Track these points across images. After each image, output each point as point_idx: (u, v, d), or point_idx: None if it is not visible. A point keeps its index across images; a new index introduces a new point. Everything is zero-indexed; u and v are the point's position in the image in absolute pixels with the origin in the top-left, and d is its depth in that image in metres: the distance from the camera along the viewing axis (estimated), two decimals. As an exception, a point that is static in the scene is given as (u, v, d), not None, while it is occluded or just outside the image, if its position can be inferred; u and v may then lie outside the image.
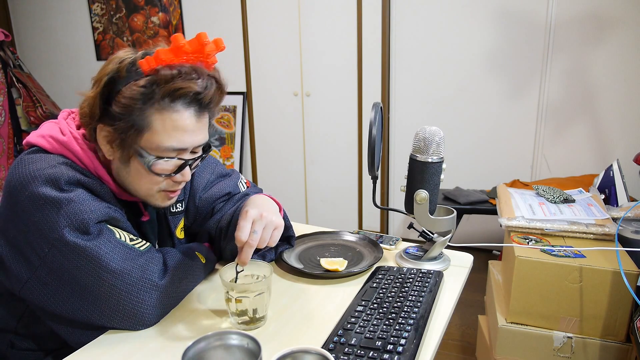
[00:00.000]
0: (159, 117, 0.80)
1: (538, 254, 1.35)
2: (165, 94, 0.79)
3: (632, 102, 2.35)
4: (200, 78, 0.80)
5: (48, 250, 0.77)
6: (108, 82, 0.79)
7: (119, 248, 0.80)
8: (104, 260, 0.77)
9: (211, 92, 0.82)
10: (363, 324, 0.77)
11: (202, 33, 0.80)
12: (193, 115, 0.82)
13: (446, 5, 2.59)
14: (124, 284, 0.78)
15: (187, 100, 0.81)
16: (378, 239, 1.15)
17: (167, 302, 0.84)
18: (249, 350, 0.62)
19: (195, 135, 0.84)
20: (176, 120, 0.80)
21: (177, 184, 0.88)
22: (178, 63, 0.80)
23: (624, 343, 1.32)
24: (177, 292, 0.87)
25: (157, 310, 0.81)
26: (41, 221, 0.76)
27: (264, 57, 3.08)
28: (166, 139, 0.81)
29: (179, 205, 1.02)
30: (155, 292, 0.81)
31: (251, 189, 1.14)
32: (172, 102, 0.80)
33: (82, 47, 3.63)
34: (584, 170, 2.47)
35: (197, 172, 1.05)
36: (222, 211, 1.06)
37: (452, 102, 2.71)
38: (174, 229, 1.02)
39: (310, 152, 3.11)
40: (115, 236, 0.80)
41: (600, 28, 2.33)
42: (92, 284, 0.77)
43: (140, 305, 0.79)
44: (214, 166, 1.10)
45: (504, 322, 1.42)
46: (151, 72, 0.79)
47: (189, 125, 0.82)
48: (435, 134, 0.93)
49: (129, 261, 0.79)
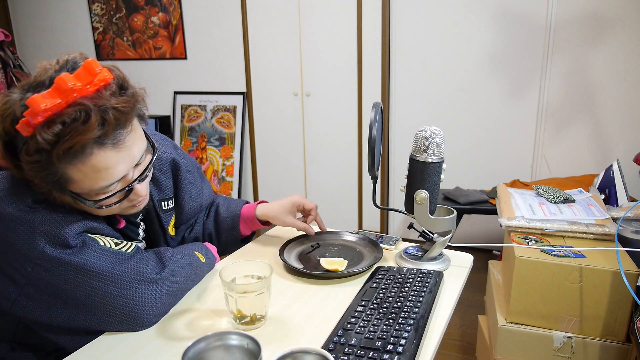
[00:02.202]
0: (73, 169, 0.72)
1: (538, 254, 1.34)
2: (62, 155, 0.70)
3: (632, 102, 2.35)
4: (89, 119, 0.68)
5: (31, 269, 0.75)
6: (4, 145, 0.72)
7: (107, 255, 0.78)
8: (94, 270, 0.76)
9: (112, 119, 0.71)
10: (363, 324, 0.77)
11: (91, 61, 0.71)
12: (110, 148, 0.73)
13: (446, 5, 2.59)
14: (118, 288, 0.77)
15: (91, 144, 0.71)
16: (378, 239, 1.15)
17: (164, 301, 0.83)
18: (249, 350, 0.62)
19: (124, 161, 0.76)
20: (94, 165, 0.72)
21: (133, 200, 0.83)
22: (60, 108, 0.68)
23: (624, 343, 1.32)
24: (175, 291, 0.86)
25: (154, 309, 0.81)
26: (18, 242, 0.74)
27: (264, 57, 3.08)
28: (93, 183, 0.75)
29: (170, 203, 1.01)
30: (150, 292, 0.80)
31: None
32: (76, 155, 0.71)
33: (82, 47, 3.63)
34: (584, 170, 2.47)
35: (191, 174, 1.05)
36: (201, 218, 1.14)
37: (452, 102, 2.71)
38: (167, 226, 1.01)
39: (310, 152, 3.11)
40: (99, 244, 0.79)
41: (600, 28, 2.33)
42: (84, 294, 0.76)
43: (137, 306, 0.78)
44: (199, 169, 1.11)
45: (504, 322, 1.42)
46: (32, 138, 0.68)
47: (111, 160, 0.74)
48: (435, 134, 0.93)
49: (119, 266, 0.78)
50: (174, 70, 3.40)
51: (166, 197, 1.01)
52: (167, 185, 1.01)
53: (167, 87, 3.46)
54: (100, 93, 0.71)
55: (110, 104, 0.71)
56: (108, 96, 0.72)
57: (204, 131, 3.37)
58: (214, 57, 3.24)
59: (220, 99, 3.30)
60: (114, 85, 0.74)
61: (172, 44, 3.33)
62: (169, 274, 0.84)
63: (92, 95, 0.70)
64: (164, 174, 1.00)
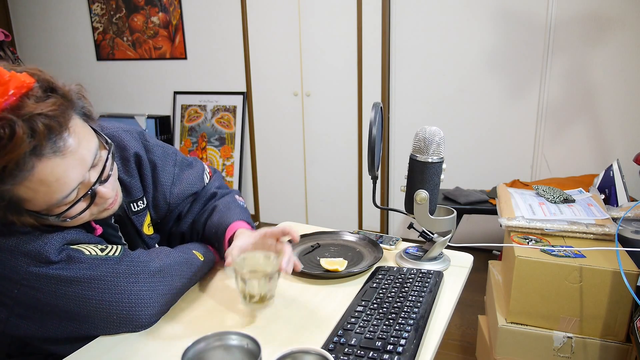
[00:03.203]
0: (20, 189, 0.68)
1: (538, 254, 1.34)
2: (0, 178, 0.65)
3: (632, 102, 2.35)
4: (15, 133, 0.63)
5: (17, 291, 0.73)
6: None
7: (95, 263, 0.76)
8: (86, 280, 0.74)
9: (41, 127, 0.65)
10: (363, 324, 0.77)
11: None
12: (52, 157, 0.68)
13: (446, 5, 2.59)
14: (112, 294, 0.76)
15: (28, 158, 0.65)
16: (378, 239, 1.14)
17: (161, 300, 0.81)
18: (249, 350, 0.62)
19: (75, 166, 0.71)
20: (41, 179, 0.68)
21: (103, 204, 0.79)
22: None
23: (624, 343, 1.32)
24: (171, 289, 0.84)
25: (151, 309, 0.79)
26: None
27: (264, 57, 3.08)
28: (48, 197, 0.70)
29: (140, 203, 0.97)
30: (146, 292, 0.79)
31: (214, 181, 1.11)
32: (16, 174, 0.66)
33: (82, 47, 3.63)
34: (584, 170, 2.47)
35: (160, 165, 0.99)
36: (192, 212, 1.05)
37: (452, 102, 2.71)
38: (141, 227, 0.98)
39: (310, 152, 3.11)
40: (84, 254, 0.76)
41: (600, 28, 2.33)
42: (77, 305, 0.75)
43: (134, 308, 0.77)
44: (174, 157, 1.03)
45: (504, 322, 1.42)
46: None
47: (58, 169, 0.69)
48: (435, 134, 0.93)
49: (110, 271, 0.77)
50: (174, 70, 3.40)
51: (134, 198, 0.96)
52: (133, 186, 0.96)
53: (167, 87, 3.46)
54: (23, 102, 0.65)
55: (35, 112, 0.65)
56: (32, 103, 0.65)
57: (204, 131, 3.37)
58: (214, 57, 3.24)
59: (220, 99, 3.30)
60: (38, 90, 0.68)
61: (172, 44, 3.33)
62: (164, 273, 0.83)
63: (13, 106, 0.64)
64: (128, 175, 0.95)
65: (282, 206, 3.29)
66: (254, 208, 3.39)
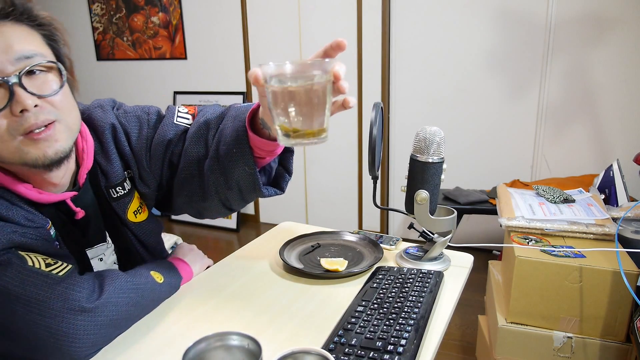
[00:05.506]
0: None
1: (538, 254, 1.35)
2: None
3: (632, 102, 2.35)
4: None
5: None
6: None
7: (32, 277, 0.68)
8: (13, 292, 0.66)
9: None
10: (363, 325, 0.77)
11: None
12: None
13: (446, 5, 2.59)
14: (42, 317, 0.67)
15: None
16: (378, 239, 1.15)
17: (99, 332, 0.71)
18: (250, 350, 0.62)
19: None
20: None
21: (24, 117, 0.70)
22: None
23: (624, 343, 1.32)
24: (114, 320, 0.74)
25: (85, 342, 0.70)
26: None
27: (264, 57, 3.08)
28: None
29: (120, 189, 0.90)
30: (81, 323, 0.69)
31: (201, 116, 0.99)
32: None
33: (82, 47, 3.63)
34: (584, 170, 2.47)
35: (132, 133, 0.92)
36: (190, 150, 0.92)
37: (452, 102, 2.71)
38: (124, 214, 0.91)
39: (311, 152, 3.11)
40: (27, 264, 0.69)
41: (600, 28, 2.33)
42: (6, 318, 0.68)
43: (65, 338, 0.68)
44: (145, 117, 0.95)
45: (504, 322, 1.42)
46: None
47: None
48: (435, 134, 0.93)
49: (44, 290, 0.68)
50: (174, 70, 3.40)
51: (113, 183, 0.89)
52: (110, 171, 0.89)
53: (167, 87, 3.46)
54: None
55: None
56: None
57: (204, 131, 3.37)
58: (214, 57, 3.24)
59: (220, 99, 3.30)
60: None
61: (172, 44, 3.33)
62: (106, 302, 0.73)
63: None
64: (107, 160, 0.89)
65: (282, 206, 3.29)
66: (254, 208, 3.39)
